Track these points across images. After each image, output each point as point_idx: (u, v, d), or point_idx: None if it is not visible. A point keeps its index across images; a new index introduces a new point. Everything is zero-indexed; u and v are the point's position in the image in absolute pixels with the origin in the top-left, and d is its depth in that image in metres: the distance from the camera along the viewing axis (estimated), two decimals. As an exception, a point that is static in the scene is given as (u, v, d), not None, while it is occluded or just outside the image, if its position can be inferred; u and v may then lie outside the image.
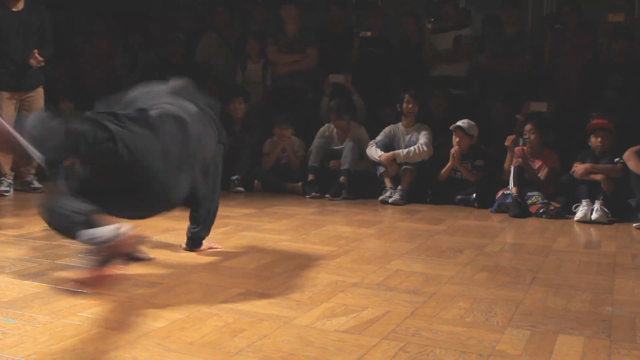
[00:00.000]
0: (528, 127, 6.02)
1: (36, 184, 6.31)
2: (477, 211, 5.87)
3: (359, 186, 6.52)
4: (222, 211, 5.27)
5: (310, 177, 6.54)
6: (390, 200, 6.14)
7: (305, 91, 7.46)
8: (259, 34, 7.72)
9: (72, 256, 3.49)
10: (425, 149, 6.32)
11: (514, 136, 6.12)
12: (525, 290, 3.10)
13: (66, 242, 3.78)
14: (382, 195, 6.27)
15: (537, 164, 6.00)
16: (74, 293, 2.78)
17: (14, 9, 5.96)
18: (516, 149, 6.03)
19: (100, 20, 8.44)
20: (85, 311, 2.55)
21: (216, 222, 4.72)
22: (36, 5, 6.12)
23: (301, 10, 7.45)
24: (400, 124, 6.62)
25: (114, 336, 2.28)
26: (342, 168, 6.50)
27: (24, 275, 3.09)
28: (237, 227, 4.60)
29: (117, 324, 2.41)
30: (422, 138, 6.38)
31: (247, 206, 5.72)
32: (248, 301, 2.77)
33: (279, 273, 3.28)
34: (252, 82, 7.65)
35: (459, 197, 6.17)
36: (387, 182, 6.35)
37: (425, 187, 6.35)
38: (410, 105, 6.49)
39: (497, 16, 7.52)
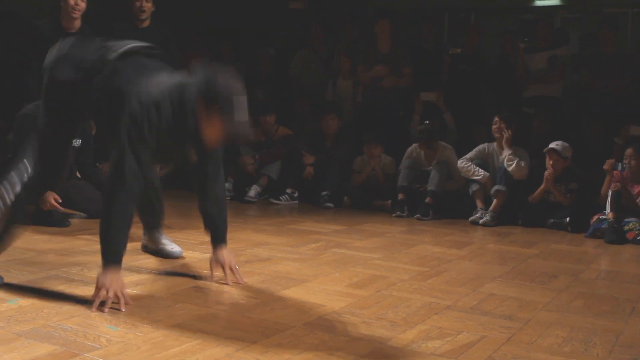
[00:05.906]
0: (629, 151, 5.81)
1: None
2: (570, 236, 5.72)
3: (448, 206, 6.44)
4: (312, 227, 5.38)
5: (400, 196, 6.50)
6: (480, 221, 6.04)
7: (396, 109, 7.44)
8: (351, 51, 7.76)
9: (167, 264, 3.59)
10: (522, 170, 6.17)
11: (613, 160, 5.93)
12: (625, 320, 3.01)
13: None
14: (472, 215, 6.18)
15: (637, 189, 5.80)
16: (172, 303, 2.86)
17: (142, 27, 6.07)
18: (615, 172, 5.85)
19: (192, 34, 8.60)
20: (184, 322, 2.61)
21: (306, 237, 4.82)
22: (160, 24, 6.22)
23: (395, 26, 7.43)
24: (495, 144, 6.46)
25: (212, 349, 2.32)
26: (428, 189, 6.42)
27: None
28: (328, 244, 4.62)
29: (215, 337, 2.45)
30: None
31: (337, 222, 5.74)
32: (342, 320, 2.78)
33: (371, 292, 3.28)
34: (343, 98, 7.70)
35: (552, 220, 6.02)
36: (479, 203, 6.24)
37: (516, 209, 6.23)
38: (496, 127, 6.37)
39: (594, 36, 7.34)
